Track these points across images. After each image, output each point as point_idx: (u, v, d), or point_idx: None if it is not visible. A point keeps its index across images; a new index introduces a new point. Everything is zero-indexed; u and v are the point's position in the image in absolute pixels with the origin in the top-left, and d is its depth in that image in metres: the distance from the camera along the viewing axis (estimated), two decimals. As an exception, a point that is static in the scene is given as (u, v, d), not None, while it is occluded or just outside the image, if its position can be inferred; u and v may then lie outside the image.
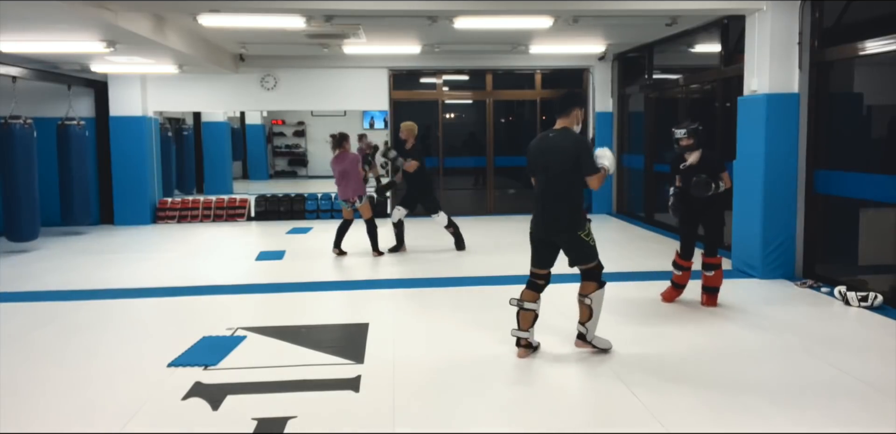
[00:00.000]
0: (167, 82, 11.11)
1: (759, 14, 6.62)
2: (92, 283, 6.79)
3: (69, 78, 10.04)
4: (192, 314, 5.64)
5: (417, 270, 7.26)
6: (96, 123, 10.91)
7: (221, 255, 8.49)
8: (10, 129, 8.29)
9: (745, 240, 6.82)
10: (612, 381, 3.91)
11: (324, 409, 3.64)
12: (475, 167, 12.22)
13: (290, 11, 7.09)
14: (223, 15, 7.18)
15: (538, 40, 9.77)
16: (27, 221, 8.56)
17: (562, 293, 5.16)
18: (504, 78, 12.12)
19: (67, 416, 3.59)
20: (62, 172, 9.67)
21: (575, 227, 4.29)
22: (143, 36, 7.09)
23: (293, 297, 6.24)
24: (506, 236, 9.48)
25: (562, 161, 4.23)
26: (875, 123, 6.60)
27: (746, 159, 6.76)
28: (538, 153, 4.35)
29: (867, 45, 5.81)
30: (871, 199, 5.97)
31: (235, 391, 3.87)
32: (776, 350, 4.55)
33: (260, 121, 19.08)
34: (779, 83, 6.51)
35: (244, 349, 4.63)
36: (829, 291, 5.92)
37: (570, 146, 4.23)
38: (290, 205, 11.61)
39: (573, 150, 4.22)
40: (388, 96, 11.60)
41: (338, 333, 5.04)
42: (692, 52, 9.39)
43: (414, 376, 4.09)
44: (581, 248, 4.35)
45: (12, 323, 5.40)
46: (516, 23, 8.00)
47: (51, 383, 4.05)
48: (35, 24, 6.65)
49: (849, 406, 3.62)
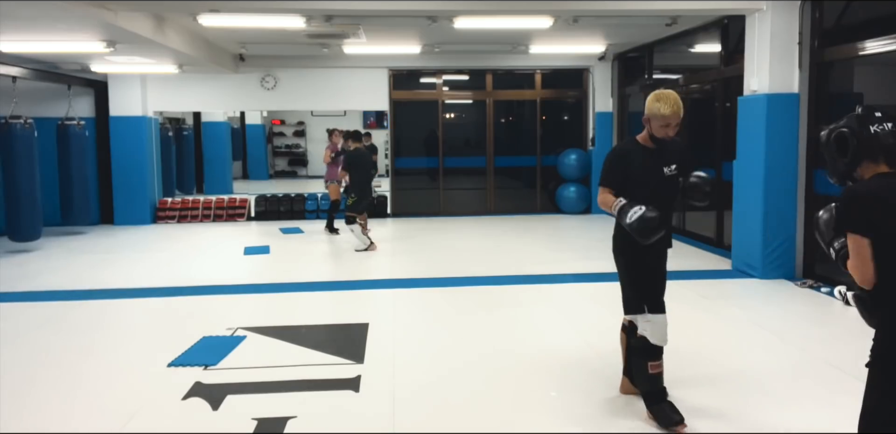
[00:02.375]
0: (167, 82, 11.10)
1: (759, 14, 6.62)
2: (92, 283, 6.79)
3: (69, 78, 10.04)
4: (192, 314, 5.64)
5: (417, 270, 7.26)
6: (96, 123, 10.90)
7: (221, 255, 8.49)
8: (10, 129, 8.29)
9: (745, 240, 6.82)
10: (613, 380, 3.91)
11: (324, 409, 3.64)
12: (474, 167, 12.21)
13: (290, 11, 7.09)
14: (223, 15, 7.18)
15: (538, 40, 9.77)
16: (29, 221, 8.56)
17: (562, 293, 5.16)
18: (504, 78, 12.12)
19: (67, 416, 3.59)
20: (62, 172, 9.67)
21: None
22: (143, 36, 7.09)
23: (293, 297, 6.24)
24: (506, 236, 9.49)
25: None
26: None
27: (746, 159, 6.75)
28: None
29: (867, 45, 5.81)
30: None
31: (235, 391, 3.87)
32: (776, 350, 4.55)
33: (260, 121, 19.10)
34: (779, 83, 6.51)
35: (244, 349, 4.63)
36: (829, 291, 5.92)
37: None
38: (289, 205, 11.61)
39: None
40: (388, 96, 11.60)
41: (338, 333, 5.04)
42: (692, 52, 9.39)
43: (414, 376, 4.09)
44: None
45: (12, 323, 5.40)
46: (516, 23, 8.00)
47: (51, 383, 4.05)
48: (35, 24, 6.65)
49: (849, 406, 3.61)
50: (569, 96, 12.23)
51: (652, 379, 3.45)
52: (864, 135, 2.26)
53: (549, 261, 7.67)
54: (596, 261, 7.61)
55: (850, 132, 2.28)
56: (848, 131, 2.29)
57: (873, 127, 2.25)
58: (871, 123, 2.26)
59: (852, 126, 2.28)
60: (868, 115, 2.28)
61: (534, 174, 12.15)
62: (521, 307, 5.70)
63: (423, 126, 12.19)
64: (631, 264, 3.45)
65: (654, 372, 3.44)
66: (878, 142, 2.25)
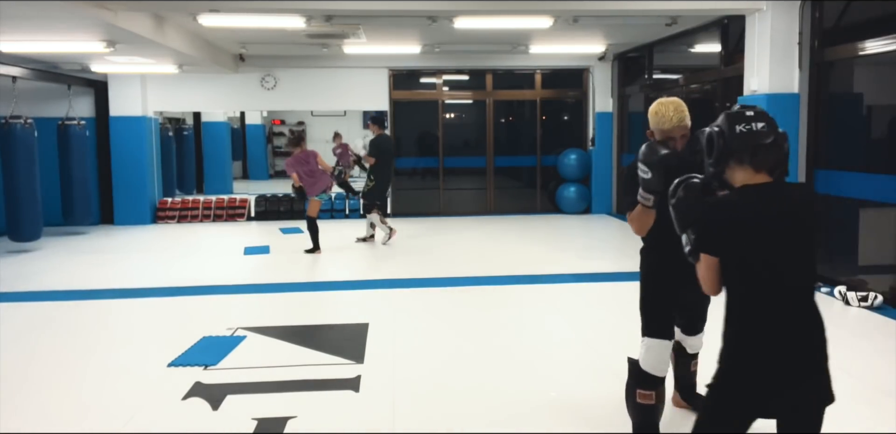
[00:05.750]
0: (167, 82, 11.10)
1: (759, 14, 6.62)
2: (92, 283, 6.79)
3: (69, 78, 10.04)
4: (192, 314, 5.64)
5: (417, 270, 7.26)
6: (96, 123, 10.89)
7: (221, 255, 8.49)
8: (10, 129, 8.29)
9: (745, 240, 6.80)
10: (613, 381, 3.91)
11: (324, 409, 3.64)
12: (474, 167, 12.21)
13: (290, 11, 7.09)
14: (223, 15, 7.18)
15: (538, 40, 9.77)
16: (29, 221, 8.56)
17: (561, 293, 5.17)
18: (504, 78, 12.12)
19: (67, 416, 3.59)
20: (62, 172, 9.67)
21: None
22: (143, 36, 7.09)
23: (293, 296, 6.24)
24: (506, 236, 9.49)
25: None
26: (875, 123, 6.60)
27: (746, 159, 6.74)
28: None
29: (867, 45, 5.81)
30: (872, 199, 5.97)
31: (235, 391, 3.87)
32: (776, 350, 4.55)
33: (260, 121, 19.10)
34: (779, 83, 6.51)
35: (244, 349, 4.63)
36: (829, 291, 5.92)
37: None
38: (289, 205, 11.60)
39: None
40: (388, 96, 11.60)
41: (338, 333, 5.03)
42: (692, 52, 9.39)
43: (414, 376, 4.09)
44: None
45: (12, 323, 5.40)
46: (516, 23, 8.00)
47: (51, 383, 4.05)
48: (35, 24, 6.65)
49: (849, 406, 3.61)
50: (569, 96, 12.22)
51: (638, 408, 3.09)
52: (729, 135, 2.12)
53: (549, 261, 7.67)
54: (596, 261, 7.61)
55: (718, 132, 2.15)
56: (717, 131, 2.16)
57: (739, 126, 2.12)
58: (738, 123, 2.13)
59: (722, 125, 2.15)
60: (738, 114, 2.15)
61: (534, 174, 12.14)
62: (521, 307, 5.70)
63: (423, 126, 12.20)
64: (649, 274, 3.16)
65: (641, 401, 3.07)
66: (742, 142, 2.11)
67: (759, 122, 2.12)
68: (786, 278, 2.11)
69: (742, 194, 2.13)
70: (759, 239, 2.09)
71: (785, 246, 2.10)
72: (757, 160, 2.12)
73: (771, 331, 2.10)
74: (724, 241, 2.11)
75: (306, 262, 7.88)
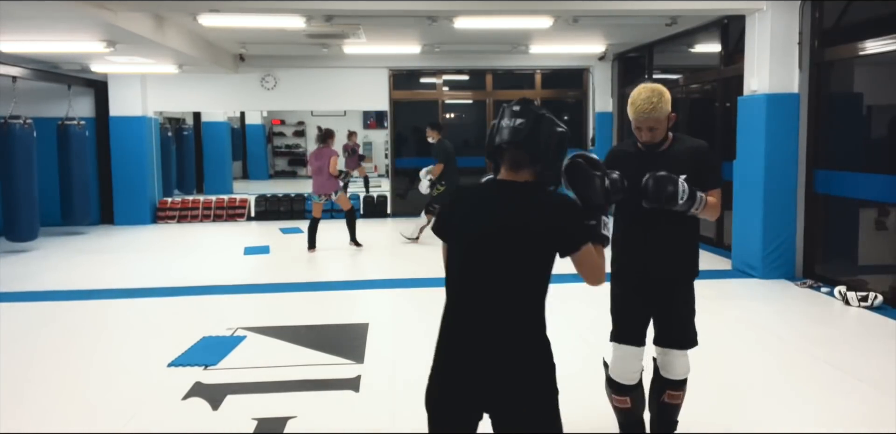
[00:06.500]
0: (167, 82, 11.10)
1: (759, 14, 6.62)
2: (92, 283, 6.79)
3: (69, 78, 10.04)
4: (192, 314, 5.64)
5: (417, 270, 7.26)
6: (96, 123, 10.90)
7: (221, 255, 8.49)
8: (10, 129, 8.29)
9: (745, 240, 6.82)
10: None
11: (324, 409, 3.64)
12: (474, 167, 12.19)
13: (290, 11, 7.09)
14: (223, 15, 7.18)
15: (538, 40, 9.77)
16: (26, 221, 8.56)
17: (561, 293, 5.16)
18: (504, 78, 12.12)
19: (67, 416, 3.59)
20: (62, 172, 9.67)
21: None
22: (143, 36, 7.09)
23: (293, 296, 6.24)
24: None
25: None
26: (875, 123, 6.60)
27: (746, 159, 6.75)
28: None
29: (867, 45, 5.81)
30: (872, 199, 5.97)
31: (235, 391, 3.87)
32: (776, 350, 4.55)
33: (260, 121, 19.10)
34: (779, 83, 6.51)
35: (244, 349, 4.63)
36: (829, 291, 5.92)
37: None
38: (289, 205, 11.61)
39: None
40: (388, 96, 11.60)
41: (338, 333, 5.03)
42: (692, 52, 9.39)
43: (414, 376, 4.08)
44: None
45: (12, 323, 5.40)
46: (516, 23, 8.00)
47: (51, 383, 4.05)
48: (35, 24, 6.65)
49: (849, 406, 3.62)
50: (569, 96, 12.22)
51: (616, 411, 3.07)
52: (493, 128, 1.99)
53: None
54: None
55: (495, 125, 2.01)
56: (496, 123, 2.01)
57: (503, 120, 1.99)
58: (502, 117, 1.99)
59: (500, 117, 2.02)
60: (507, 107, 2.01)
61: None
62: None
63: (423, 126, 12.16)
64: (614, 276, 3.02)
65: (617, 405, 3.02)
66: (493, 136, 1.99)
67: (519, 118, 1.99)
68: (477, 284, 2.00)
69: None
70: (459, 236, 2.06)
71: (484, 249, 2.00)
72: (504, 159, 2.08)
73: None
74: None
75: (306, 262, 7.88)
